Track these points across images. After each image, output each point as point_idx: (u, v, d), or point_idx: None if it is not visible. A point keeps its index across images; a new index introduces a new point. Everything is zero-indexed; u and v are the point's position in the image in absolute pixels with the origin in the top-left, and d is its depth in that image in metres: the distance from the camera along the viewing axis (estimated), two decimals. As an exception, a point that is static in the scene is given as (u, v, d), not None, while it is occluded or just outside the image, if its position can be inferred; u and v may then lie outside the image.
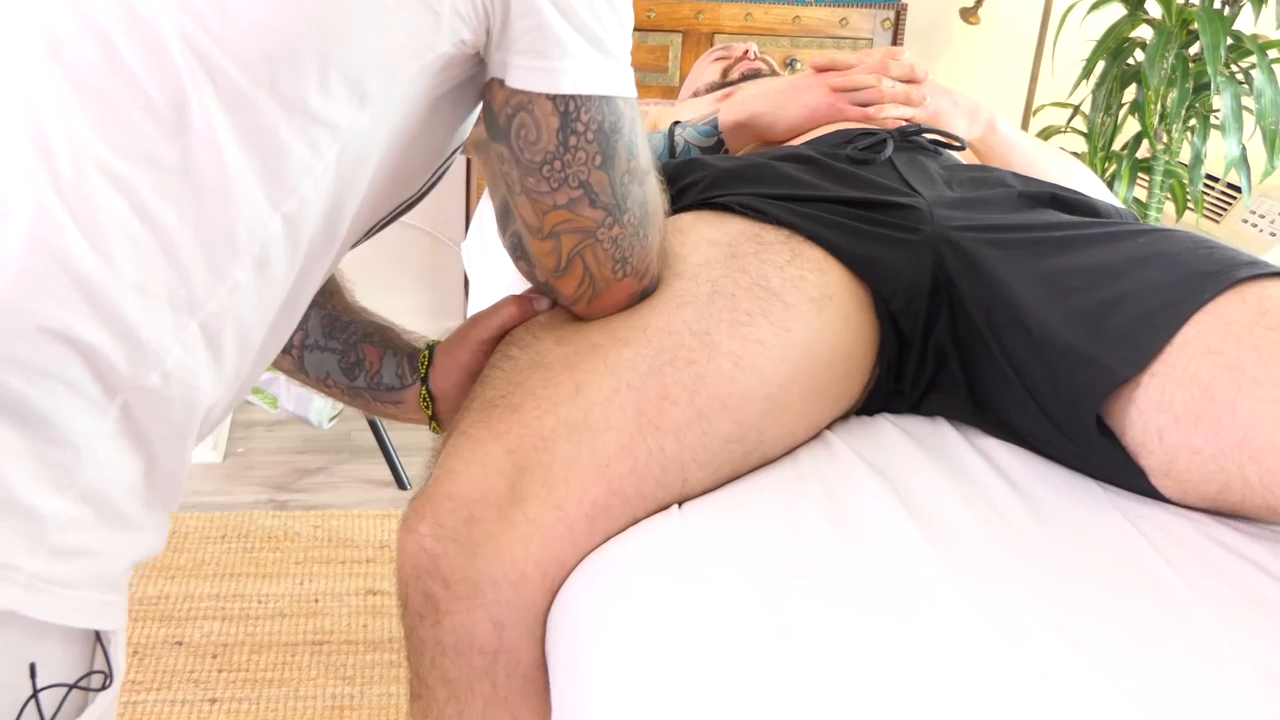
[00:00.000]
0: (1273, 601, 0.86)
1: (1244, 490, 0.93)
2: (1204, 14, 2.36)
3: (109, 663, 0.76)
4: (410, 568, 0.89)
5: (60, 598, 0.71)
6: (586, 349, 0.97)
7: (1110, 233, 1.09)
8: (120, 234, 0.72)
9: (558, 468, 0.91)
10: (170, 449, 0.77)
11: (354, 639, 1.99)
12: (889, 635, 0.81)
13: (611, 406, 0.94)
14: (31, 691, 0.72)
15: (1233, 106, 2.37)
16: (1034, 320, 1.03)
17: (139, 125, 0.73)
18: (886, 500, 0.96)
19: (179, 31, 0.74)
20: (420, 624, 0.90)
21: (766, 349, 0.99)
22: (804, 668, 0.78)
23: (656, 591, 0.86)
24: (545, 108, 0.87)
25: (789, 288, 1.04)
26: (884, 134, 1.27)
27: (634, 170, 0.94)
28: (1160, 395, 0.96)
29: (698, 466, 0.96)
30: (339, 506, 2.39)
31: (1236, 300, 0.97)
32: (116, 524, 0.75)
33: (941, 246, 1.10)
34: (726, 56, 1.88)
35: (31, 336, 0.69)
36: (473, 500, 0.89)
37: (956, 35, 3.12)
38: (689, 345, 0.97)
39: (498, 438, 0.91)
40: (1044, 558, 0.91)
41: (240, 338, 0.80)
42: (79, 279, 0.70)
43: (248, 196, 0.76)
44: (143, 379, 0.73)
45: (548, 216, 0.93)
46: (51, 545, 0.70)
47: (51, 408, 0.70)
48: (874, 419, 1.13)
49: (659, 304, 1.01)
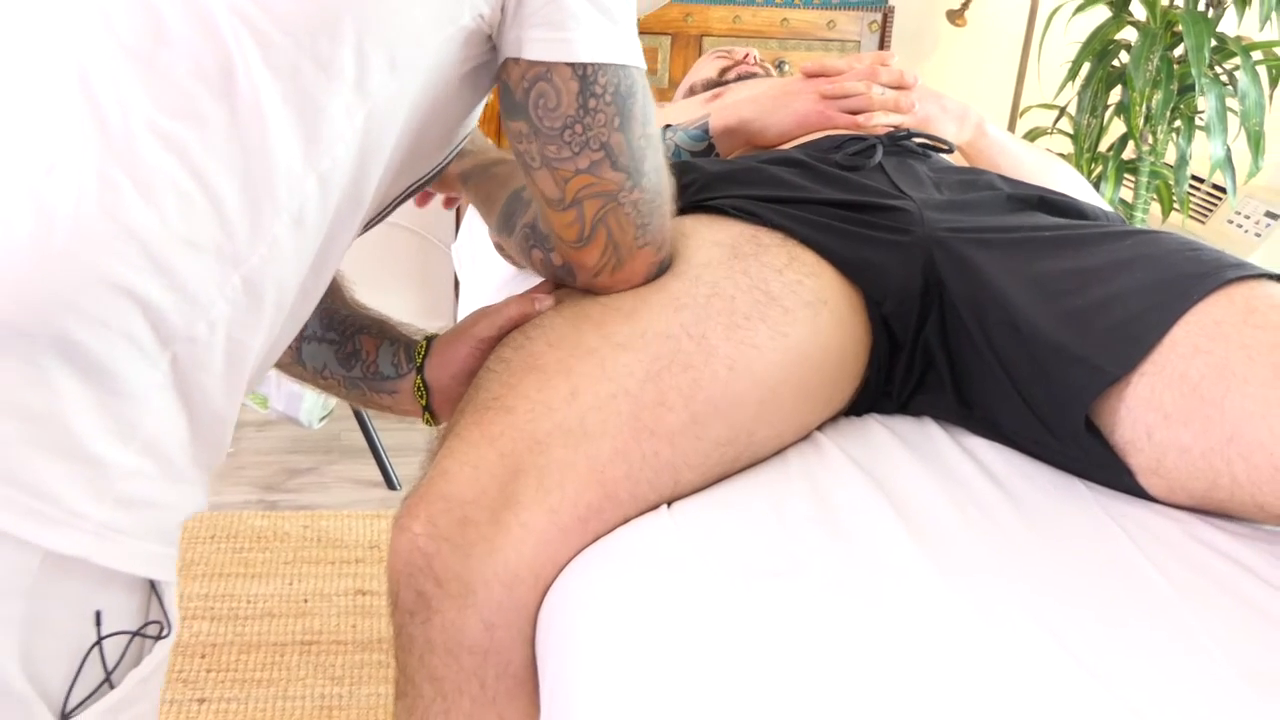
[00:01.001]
0: (1257, 601, 0.87)
1: (1232, 487, 0.94)
2: (1188, 16, 2.37)
3: (165, 613, 0.79)
4: (402, 565, 0.89)
5: (125, 546, 0.74)
6: (582, 353, 0.97)
7: (1098, 234, 1.10)
8: (171, 190, 0.75)
9: (552, 472, 0.91)
10: (213, 403, 0.80)
11: (343, 639, 1.99)
12: (875, 634, 0.81)
13: (608, 412, 0.94)
14: (96, 639, 0.74)
15: (1217, 108, 2.39)
16: (1024, 320, 1.04)
17: (188, 87, 0.77)
18: (874, 500, 0.97)
19: (226, 1, 0.78)
20: (410, 621, 0.90)
21: (762, 353, 1.00)
22: (791, 667, 0.78)
23: (645, 591, 0.87)
24: (564, 74, 0.91)
25: (787, 292, 1.04)
26: (873, 139, 1.28)
27: (649, 136, 0.98)
28: (1150, 394, 0.97)
29: (689, 469, 0.97)
30: (328, 507, 2.40)
31: (1224, 300, 0.98)
32: (172, 477, 0.78)
33: (932, 248, 1.11)
34: (728, 57, 1.90)
35: (94, 289, 0.71)
36: (466, 501, 0.89)
37: (943, 37, 3.13)
38: (686, 349, 0.98)
39: (491, 440, 0.92)
40: (1029, 557, 0.91)
41: (278, 293, 0.83)
42: (135, 233, 0.73)
43: (287, 155, 0.80)
44: (191, 330, 0.76)
45: (569, 184, 0.96)
46: (116, 494, 0.73)
47: (113, 359, 0.72)
48: (862, 419, 1.14)
49: (657, 307, 1.01)
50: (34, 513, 0.69)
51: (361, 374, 1.16)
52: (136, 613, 0.78)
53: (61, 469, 0.71)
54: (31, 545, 0.69)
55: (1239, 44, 2.41)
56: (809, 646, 0.80)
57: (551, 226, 1.01)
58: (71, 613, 0.73)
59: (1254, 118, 2.39)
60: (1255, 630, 0.83)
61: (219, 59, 0.78)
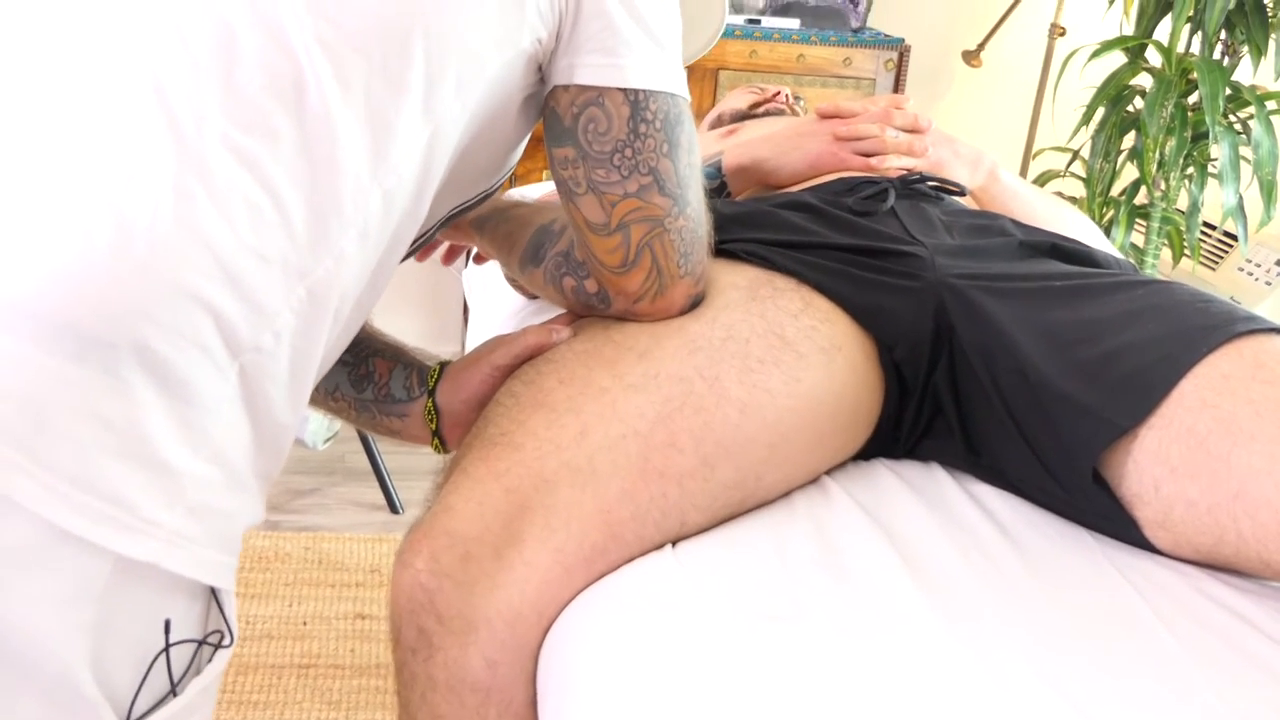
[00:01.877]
0: (1262, 657, 0.86)
1: (1238, 543, 0.94)
2: (1203, 64, 2.38)
3: (226, 621, 0.80)
4: (405, 601, 0.89)
5: (193, 554, 0.75)
6: (594, 392, 0.97)
7: (1110, 284, 1.10)
8: (243, 202, 0.76)
9: (559, 511, 0.91)
10: (277, 412, 0.81)
11: (341, 663, 1.98)
12: (876, 680, 0.81)
13: (617, 452, 0.94)
14: (164, 645, 0.75)
15: (1230, 156, 2.39)
16: (1034, 370, 1.03)
17: (261, 103, 0.78)
18: (878, 544, 0.96)
19: (298, 18, 0.79)
20: (412, 658, 0.90)
21: (775, 398, 1.00)
22: (792, 712, 0.78)
23: (646, 633, 0.86)
24: (616, 99, 0.93)
25: (802, 337, 1.04)
26: (886, 183, 1.28)
27: (693, 166, 1.00)
28: (1157, 447, 0.97)
29: (696, 511, 0.97)
30: (330, 529, 2.39)
31: (1233, 355, 0.98)
32: (236, 486, 0.79)
33: (944, 294, 1.11)
34: (761, 93, 1.91)
35: (171, 299, 0.73)
36: (470, 538, 0.89)
37: (958, 77, 3.14)
38: (699, 391, 0.97)
39: (497, 476, 0.92)
40: (1034, 607, 0.91)
41: (339, 305, 0.84)
42: (208, 244, 0.74)
43: (355, 171, 0.81)
44: (259, 340, 0.77)
45: (616, 208, 0.97)
46: (188, 503, 0.74)
47: (187, 369, 0.73)
48: (870, 463, 1.14)
49: (671, 349, 1.01)
50: (109, 519, 0.70)
51: (373, 396, 1.16)
52: (199, 621, 0.79)
53: (138, 477, 0.71)
54: (105, 551, 0.70)
55: (1253, 93, 2.41)
56: (809, 692, 0.80)
57: (593, 252, 1.01)
58: (140, 619, 0.74)
59: (1267, 167, 2.39)
60: (1259, 687, 0.83)
61: (291, 75, 0.79)
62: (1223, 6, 2.39)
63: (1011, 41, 3.02)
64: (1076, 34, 2.85)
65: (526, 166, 2.60)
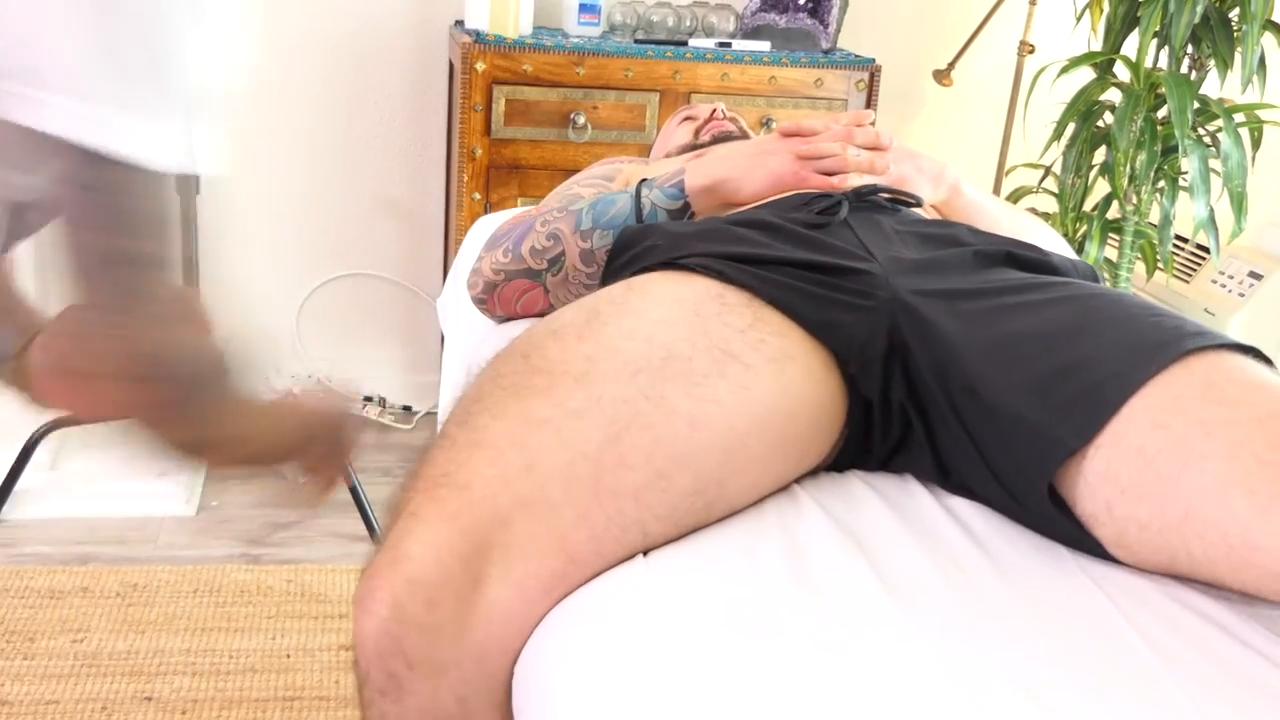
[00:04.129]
0: (1236, 664, 0.87)
1: (1190, 564, 0.94)
2: (1171, 79, 2.40)
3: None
4: (372, 646, 0.88)
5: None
6: (534, 425, 0.96)
7: (1063, 296, 1.10)
8: None
9: (515, 546, 0.90)
10: None
11: (326, 695, 1.97)
12: (852, 693, 0.81)
13: (568, 479, 0.93)
14: None
15: (1200, 169, 2.41)
16: (985, 387, 1.03)
17: None
18: (851, 556, 0.97)
19: None
20: (381, 699, 0.89)
21: (724, 407, 1.00)
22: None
23: (619, 651, 0.86)
24: None
25: (749, 350, 1.04)
26: (840, 195, 1.29)
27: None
28: (1106, 467, 0.97)
29: (657, 521, 0.96)
30: (313, 561, 2.38)
31: (1184, 373, 0.97)
32: None
33: (897, 312, 1.11)
34: (695, 117, 1.89)
35: None
36: (432, 584, 0.88)
37: (930, 96, 3.16)
38: (644, 410, 0.97)
39: (451, 519, 0.90)
40: (1009, 618, 0.91)
41: None
42: None
43: None
44: None
45: None
46: None
47: None
48: (844, 475, 1.14)
49: (610, 371, 1.00)
50: None
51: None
52: None
53: None
54: None
55: (1221, 106, 2.43)
56: (785, 705, 0.80)
57: None
58: None
59: (1236, 179, 2.41)
60: (1231, 693, 0.83)
61: None
62: (1188, 21, 2.41)
63: (981, 60, 3.04)
64: (1045, 51, 2.87)
65: (500, 194, 2.61)
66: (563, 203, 1.48)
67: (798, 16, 2.82)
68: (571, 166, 2.56)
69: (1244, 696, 0.83)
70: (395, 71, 2.92)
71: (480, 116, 2.56)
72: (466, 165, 2.59)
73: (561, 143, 2.61)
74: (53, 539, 2.39)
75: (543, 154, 2.62)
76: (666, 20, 2.80)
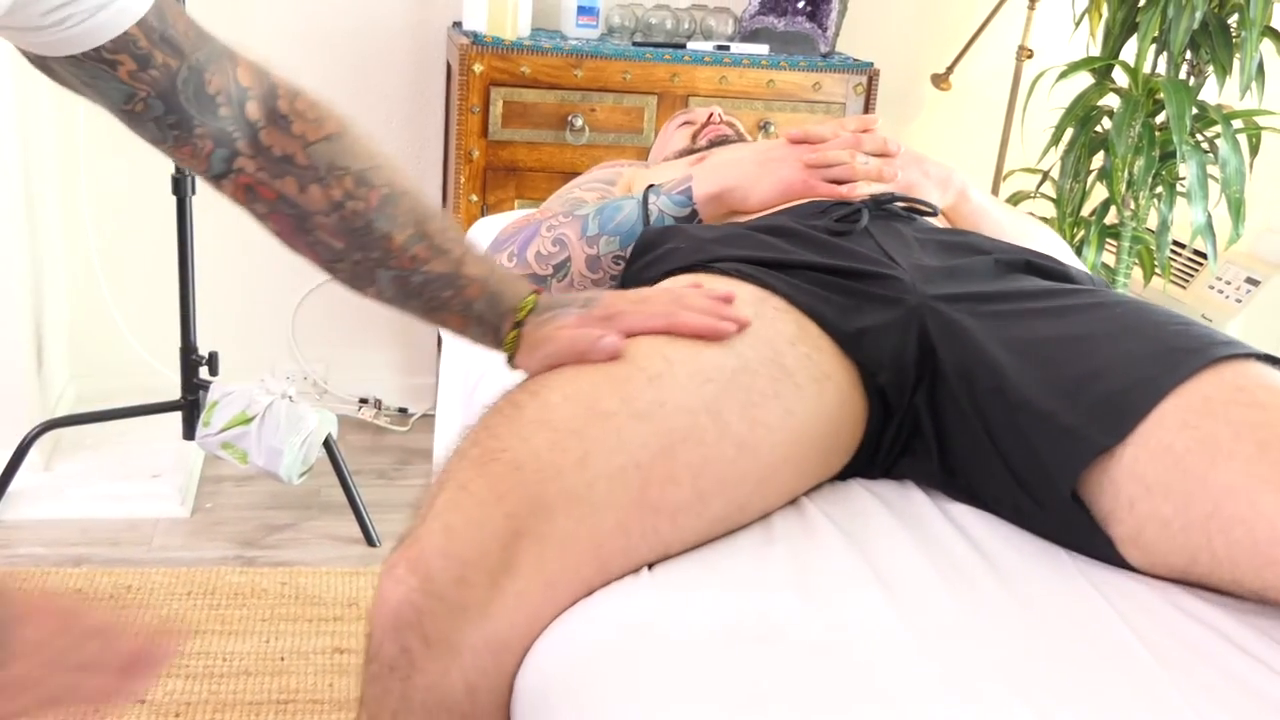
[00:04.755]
0: (1237, 672, 0.86)
1: (1211, 563, 0.94)
2: (1169, 84, 2.40)
3: None
4: (390, 617, 0.87)
5: None
6: (599, 416, 0.95)
7: (1088, 303, 1.11)
8: None
9: (553, 541, 0.90)
10: None
11: (320, 698, 1.96)
12: (855, 702, 0.80)
13: (616, 483, 0.92)
14: None
15: (1198, 175, 2.41)
16: (1014, 389, 1.04)
17: None
18: (855, 565, 0.96)
19: None
20: (389, 675, 0.88)
21: (771, 433, 1.00)
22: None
23: (623, 657, 0.86)
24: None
25: (799, 367, 1.05)
26: (858, 204, 1.29)
27: None
28: (1133, 465, 0.97)
29: (680, 545, 0.97)
30: (307, 563, 2.37)
31: (1214, 378, 0.99)
32: None
33: (925, 316, 1.11)
34: (692, 121, 1.88)
35: None
36: (467, 562, 0.87)
37: (928, 101, 3.16)
38: (702, 424, 0.97)
39: (499, 498, 0.89)
40: (1011, 626, 0.91)
41: None
42: None
43: None
44: None
45: None
46: None
47: None
48: (846, 483, 1.14)
49: (684, 377, 0.99)
50: None
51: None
52: None
53: None
54: None
55: (1219, 112, 2.43)
56: (784, 712, 0.79)
57: None
58: None
59: (1234, 185, 2.41)
60: (1235, 702, 0.83)
61: None
62: (1187, 27, 2.41)
63: (980, 64, 3.04)
64: (1044, 56, 2.87)
65: (497, 196, 2.61)
66: (566, 207, 1.48)
67: (796, 20, 2.81)
68: (569, 169, 2.56)
69: (1244, 702, 0.83)
70: (393, 73, 2.91)
71: (478, 118, 2.56)
72: (464, 167, 2.58)
73: (559, 145, 2.61)
74: (46, 540, 2.38)
75: (540, 156, 2.61)
76: (665, 23, 2.80)
